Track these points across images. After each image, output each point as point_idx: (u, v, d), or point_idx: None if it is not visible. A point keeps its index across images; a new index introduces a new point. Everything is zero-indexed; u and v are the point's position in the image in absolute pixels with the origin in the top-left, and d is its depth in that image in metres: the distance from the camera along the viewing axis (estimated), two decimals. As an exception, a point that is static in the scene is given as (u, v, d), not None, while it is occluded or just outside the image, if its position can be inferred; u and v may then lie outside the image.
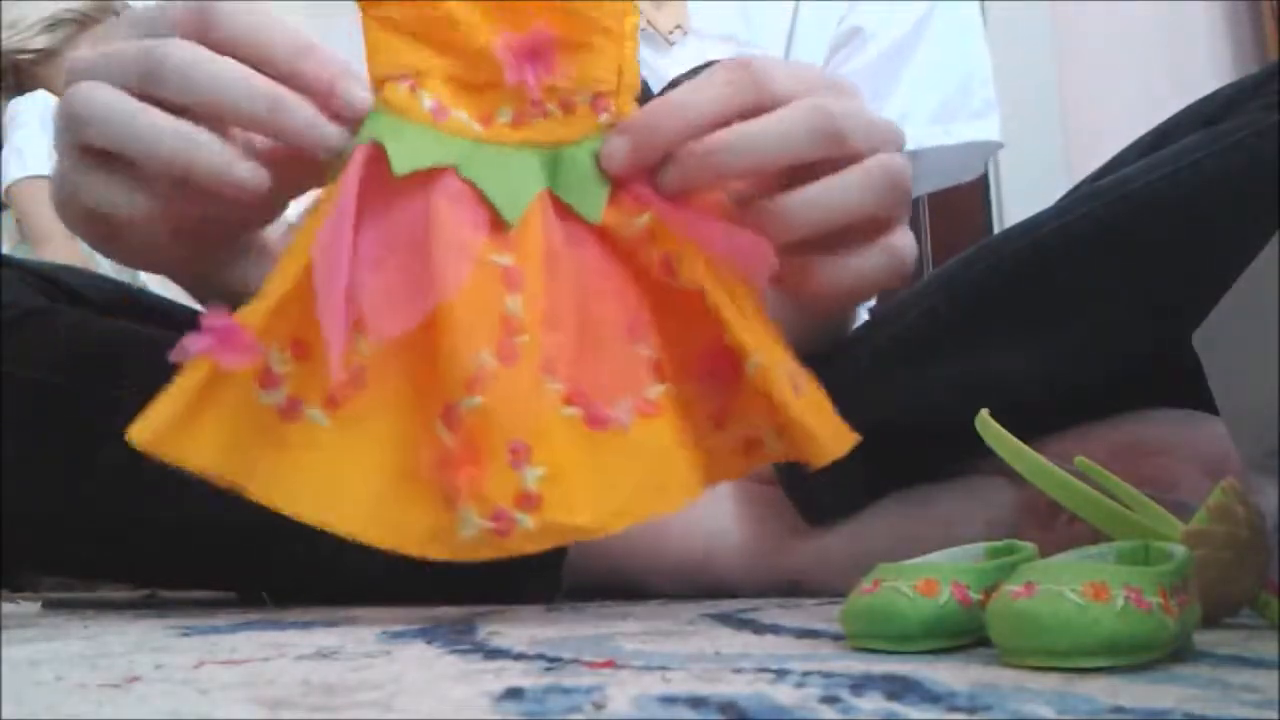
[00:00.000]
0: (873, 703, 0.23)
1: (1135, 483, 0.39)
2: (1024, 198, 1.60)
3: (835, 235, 0.45)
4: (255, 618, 0.47)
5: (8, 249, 1.56)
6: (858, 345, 0.58)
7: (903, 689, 0.24)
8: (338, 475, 0.40)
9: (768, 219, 0.43)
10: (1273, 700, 0.23)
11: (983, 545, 0.38)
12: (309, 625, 0.42)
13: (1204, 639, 0.32)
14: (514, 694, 0.24)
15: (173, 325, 0.45)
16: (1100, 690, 0.24)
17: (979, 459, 0.52)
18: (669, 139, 0.42)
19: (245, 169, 0.41)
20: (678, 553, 0.58)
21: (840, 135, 0.43)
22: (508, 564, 0.56)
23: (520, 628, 0.40)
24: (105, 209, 0.43)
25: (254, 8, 0.42)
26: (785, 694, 0.24)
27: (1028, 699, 0.23)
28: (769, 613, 0.45)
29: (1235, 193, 0.49)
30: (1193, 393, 0.40)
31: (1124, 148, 0.60)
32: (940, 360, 0.54)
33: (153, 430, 0.38)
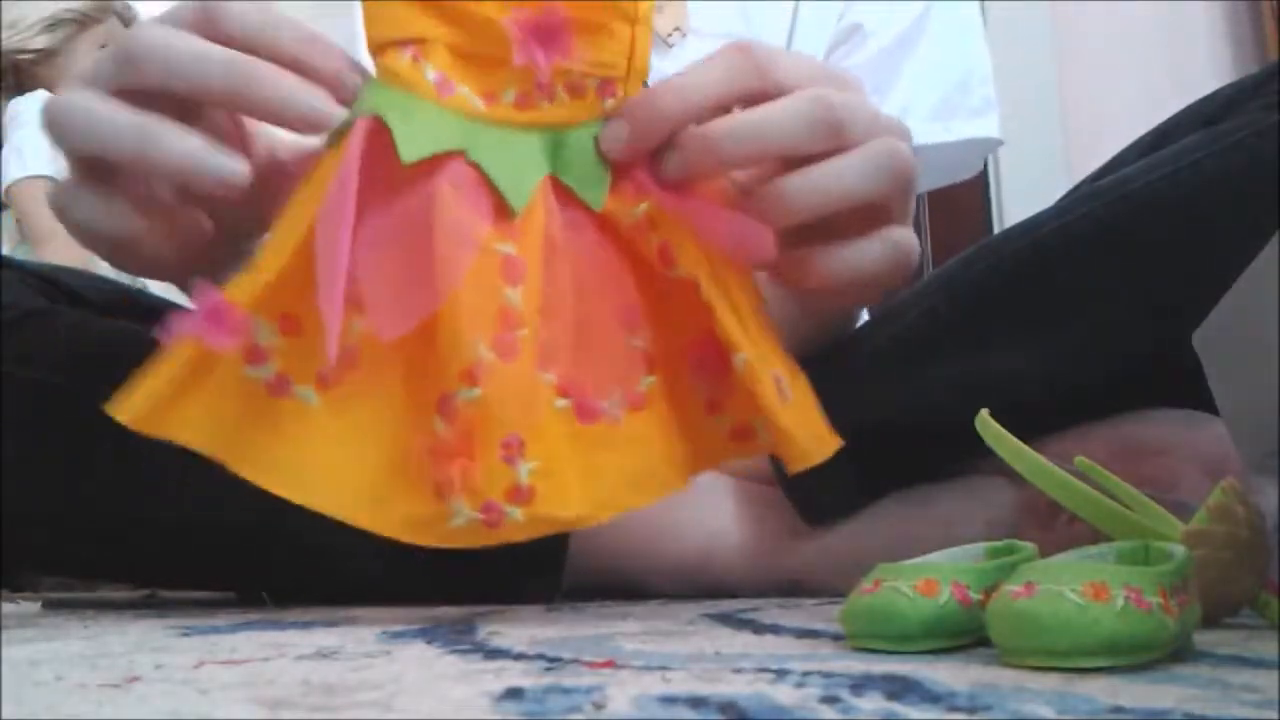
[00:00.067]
0: (873, 703, 0.23)
1: (1135, 483, 0.38)
2: (1024, 198, 1.60)
3: (835, 225, 0.44)
4: (255, 618, 0.47)
5: (8, 249, 1.56)
6: (858, 345, 0.58)
7: (903, 689, 0.24)
8: (329, 458, 0.40)
9: (766, 203, 0.42)
10: (1273, 700, 0.23)
11: (983, 545, 0.38)
12: (309, 625, 0.42)
13: (1204, 639, 0.32)
14: (514, 694, 0.24)
15: None
16: (1100, 690, 0.24)
17: (979, 459, 0.52)
18: (670, 122, 0.41)
19: (216, 160, 0.40)
20: (677, 552, 0.58)
21: (842, 126, 0.42)
22: (508, 564, 0.56)
23: (520, 628, 0.40)
24: (95, 228, 0.43)
25: (261, 6, 0.41)
26: (785, 694, 0.24)
27: (1028, 699, 0.23)
28: (769, 613, 0.45)
29: (1235, 193, 0.49)
30: (1193, 393, 0.40)
31: (1124, 148, 0.60)
32: (940, 360, 0.54)
33: (138, 407, 0.37)
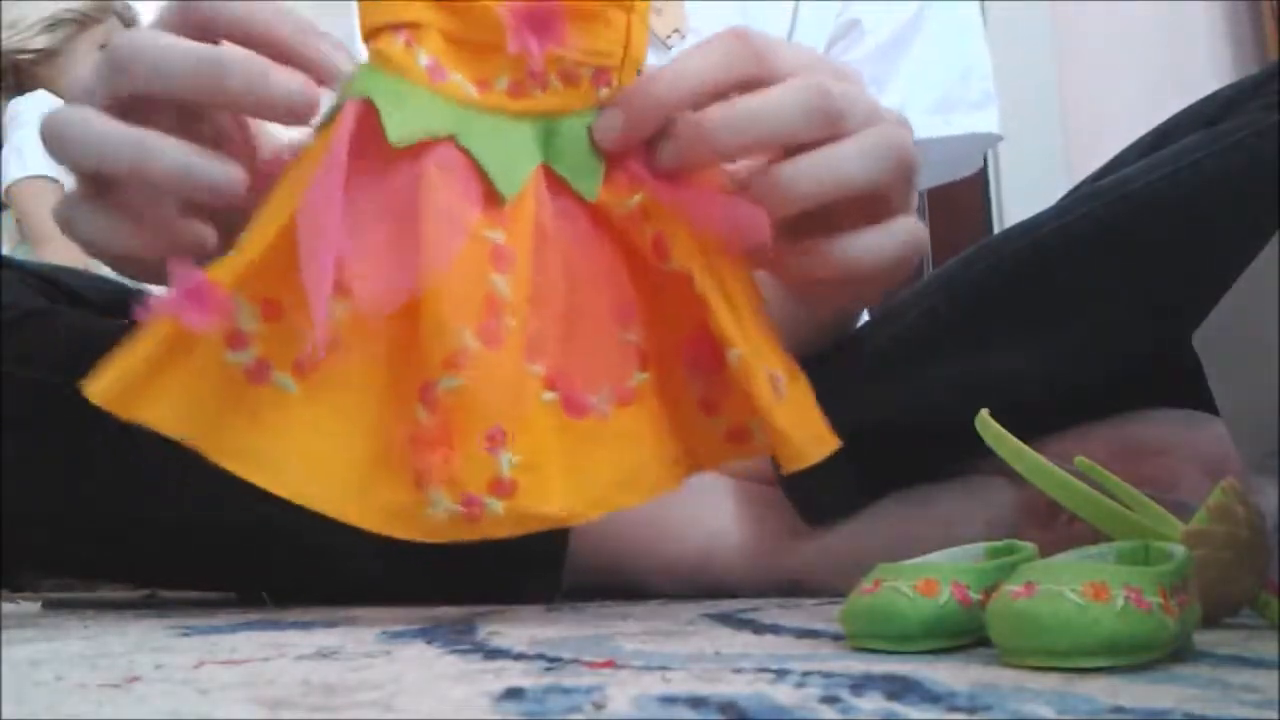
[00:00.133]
0: (873, 703, 0.23)
1: (1135, 483, 0.39)
2: (1024, 197, 1.60)
3: (835, 217, 0.43)
4: (255, 618, 0.47)
5: (8, 249, 1.56)
6: (858, 345, 0.58)
7: (903, 689, 0.24)
8: (307, 447, 0.39)
9: (763, 191, 0.41)
10: (1273, 700, 0.23)
11: (983, 545, 0.38)
12: (309, 625, 0.42)
13: (1204, 639, 0.32)
14: (514, 694, 0.24)
15: None
16: (1100, 690, 0.24)
17: (979, 459, 0.52)
18: (665, 109, 0.40)
19: (209, 168, 0.39)
20: (677, 552, 0.58)
21: (840, 114, 0.41)
22: (508, 564, 0.56)
23: (520, 628, 0.40)
24: (98, 242, 0.43)
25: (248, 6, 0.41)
26: (785, 694, 0.24)
27: (1028, 699, 0.23)
28: (769, 613, 0.45)
29: (1235, 193, 0.49)
30: (1193, 393, 0.40)
31: (1124, 148, 0.60)
32: (940, 360, 0.54)
33: (111, 387, 0.37)
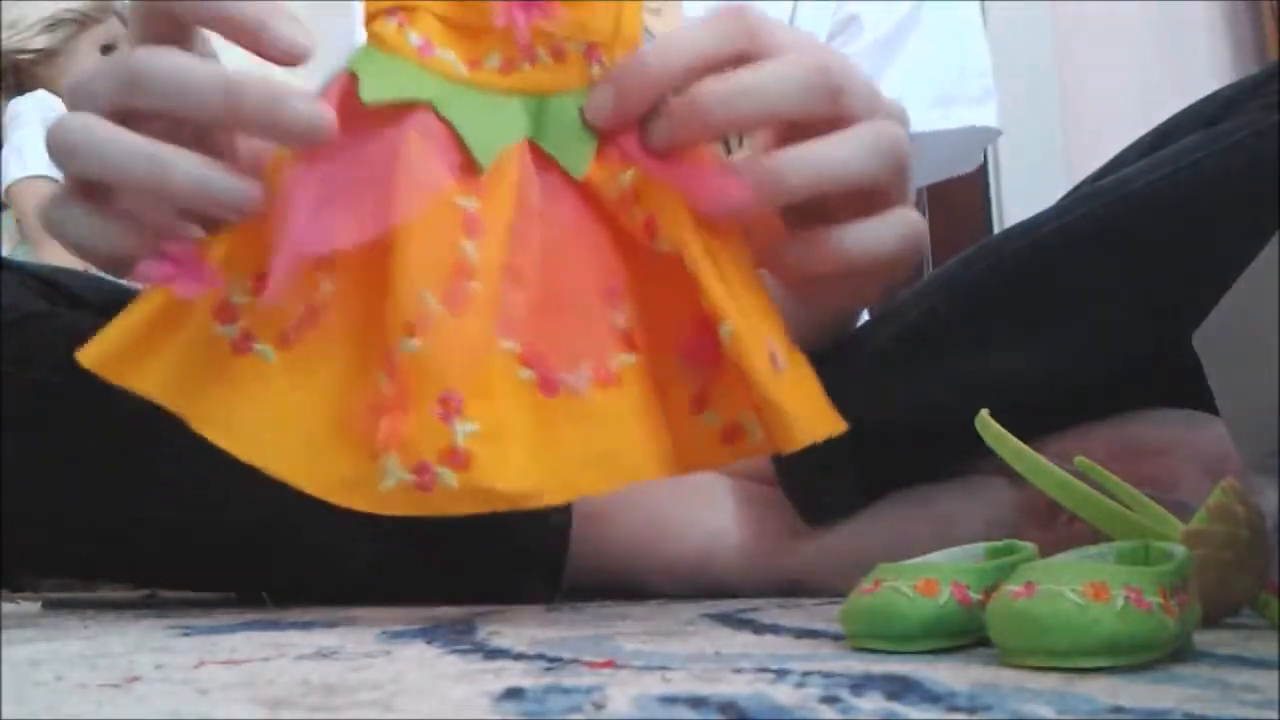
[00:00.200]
0: (873, 703, 0.23)
1: (1135, 483, 0.39)
2: (1024, 197, 1.60)
3: (831, 211, 0.43)
4: (255, 618, 0.47)
5: (8, 249, 1.56)
6: (858, 345, 0.58)
7: (903, 689, 0.24)
8: (277, 415, 0.39)
9: (760, 178, 0.40)
10: (1273, 700, 0.23)
11: (983, 545, 0.38)
12: (309, 625, 0.42)
13: (1204, 639, 0.32)
14: (514, 694, 0.24)
15: None
16: (1100, 690, 0.24)
17: (979, 459, 0.52)
18: (658, 84, 0.39)
19: (226, 185, 0.39)
20: (677, 552, 0.58)
21: (839, 92, 0.40)
22: (507, 564, 0.56)
23: (520, 628, 0.40)
24: (87, 245, 0.42)
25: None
26: (785, 694, 0.24)
27: (1028, 699, 0.23)
28: (769, 613, 0.45)
29: (1235, 193, 0.49)
30: (1193, 393, 0.40)
31: (1124, 148, 0.60)
32: (940, 360, 0.54)
33: (102, 352, 0.38)
